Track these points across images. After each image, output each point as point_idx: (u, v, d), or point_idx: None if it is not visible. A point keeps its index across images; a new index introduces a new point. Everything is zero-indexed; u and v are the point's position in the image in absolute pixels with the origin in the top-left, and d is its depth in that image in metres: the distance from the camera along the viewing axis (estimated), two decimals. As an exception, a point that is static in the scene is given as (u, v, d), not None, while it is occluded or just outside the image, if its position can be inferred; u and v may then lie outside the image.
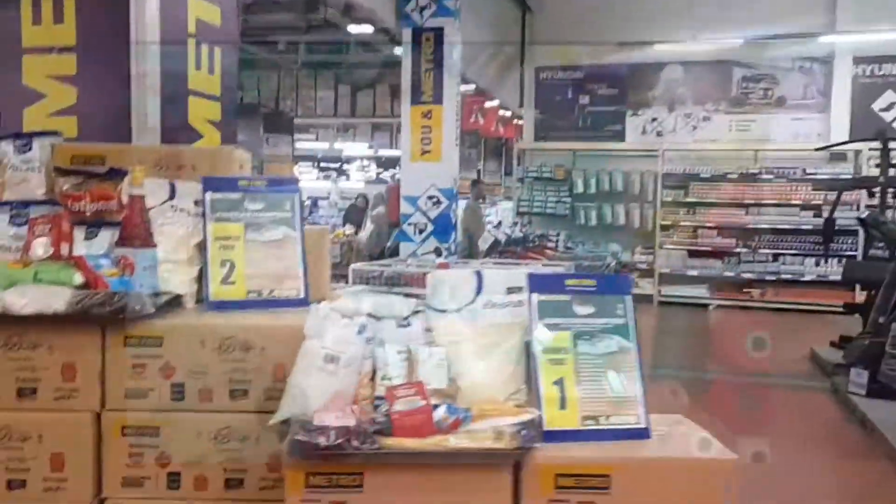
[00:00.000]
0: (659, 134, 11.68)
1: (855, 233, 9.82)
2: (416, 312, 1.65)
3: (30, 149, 1.92)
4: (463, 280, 1.64)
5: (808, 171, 10.34)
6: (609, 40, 11.12)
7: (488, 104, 12.51)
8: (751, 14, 10.39)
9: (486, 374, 1.58)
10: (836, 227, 7.71)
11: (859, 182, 9.09)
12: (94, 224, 1.82)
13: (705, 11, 10.47)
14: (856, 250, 9.96)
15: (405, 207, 7.34)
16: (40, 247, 1.72)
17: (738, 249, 10.68)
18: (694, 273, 10.85)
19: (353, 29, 12.52)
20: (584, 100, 11.94)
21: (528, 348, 1.56)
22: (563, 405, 1.50)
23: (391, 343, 1.60)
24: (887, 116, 10.55)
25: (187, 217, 1.88)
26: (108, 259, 1.72)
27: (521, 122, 13.12)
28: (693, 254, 10.95)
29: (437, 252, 7.06)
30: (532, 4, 11.53)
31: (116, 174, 1.87)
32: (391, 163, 16.00)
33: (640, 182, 11.20)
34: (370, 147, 18.91)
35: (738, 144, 11.02)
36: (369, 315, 1.63)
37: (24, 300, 1.57)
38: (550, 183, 11.55)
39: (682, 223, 10.97)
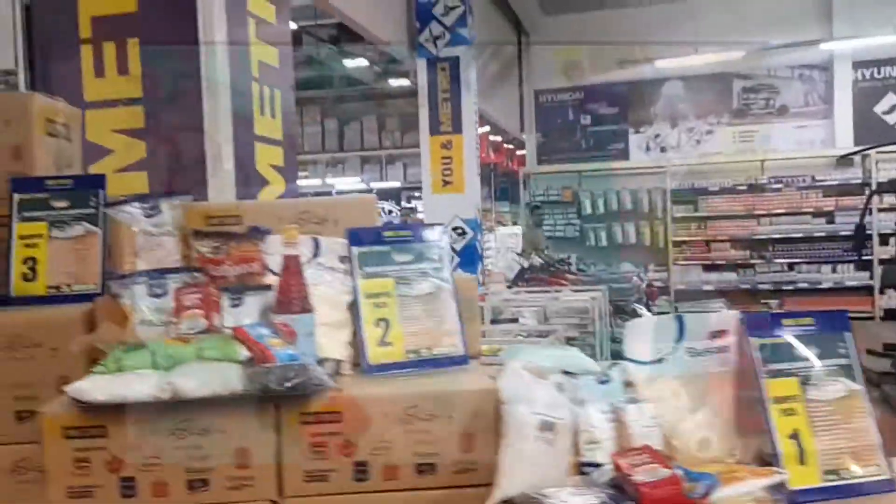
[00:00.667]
0: (663, 150, 11.68)
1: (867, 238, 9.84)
2: (613, 365, 1.52)
3: (159, 211, 1.78)
4: (663, 326, 1.51)
5: (816, 177, 10.35)
6: (608, 59, 11.16)
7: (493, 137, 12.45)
8: (749, 25, 10.47)
9: (701, 430, 1.45)
10: (862, 233, 7.64)
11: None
12: (237, 290, 1.68)
13: (703, 25, 10.53)
14: (871, 255, 9.97)
15: (430, 240, 7.19)
16: (193, 320, 1.57)
17: (752, 261, 10.64)
18: (710, 287, 10.79)
19: (349, 64, 12.53)
20: (586, 120, 11.93)
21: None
22: (801, 460, 1.37)
23: (592, 402, 1.47)
24: (890, 119, 10.62)
25: (335, 275, 1.74)
26: (266, 328, 1.58)
27: (511, 146, 13.10)
28: (707, 268, 10.90)
29: (466, 283, 6.89)
30: (527, 27, 11.54)
31: (257, 233, 1.74)
32: (383, 195, 15.88)
33: (648, 199, 11.17)
34: (361, 181, 18.83)
35: (743, 156, 11.03)
36: (564, 372, 1.50)
37: (195, 381, 1.42)
38: (558, 206, 11.49)
39: (695, 238, 10.92)
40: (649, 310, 7.72)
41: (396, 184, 16.63)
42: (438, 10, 7.07)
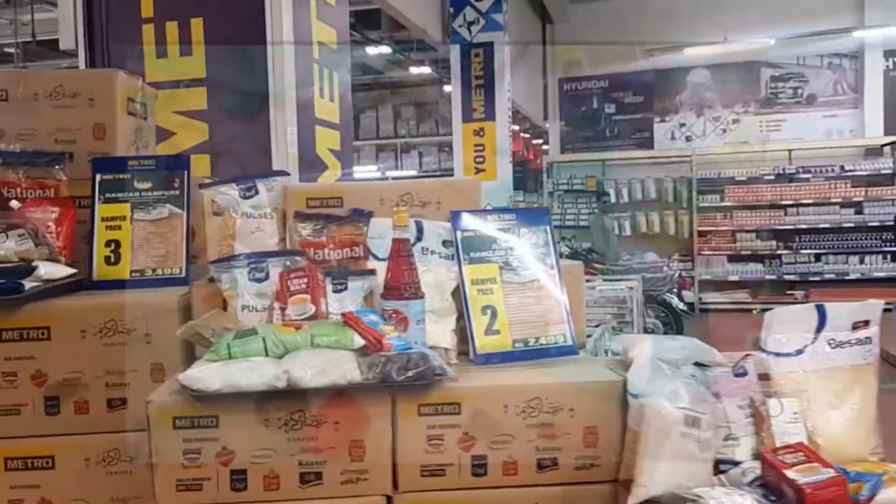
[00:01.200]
0: (688, 139, 11.55)
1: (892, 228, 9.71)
2: (747, 357, 1.45)
3: (255, 192, 1.71)
4: (802, 316, 1.43)
5: (845, 167, 10.21)
6: (636, 46, 11.02)
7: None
8: (778, 13, 10.31)
9: (845, 426, 1.38)
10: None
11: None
12: (340, 274, 1.61)
13: (731, 14, 10.38)
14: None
15: (461, 228, 7.12)
16: (300, 305, 1.51)
17: (779, 251, 10.53)
18: (735, 278, 10.69)
19: (371, 51, 12.40)
20: (610, 108, 11.81)
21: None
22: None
23: (728, 396, 1.40)
24: (921, 109, 10.45)
25: (439, 260, 1.68)
26: (376, 315, 1.51)
27: (527, 135, 12.99)
28: (732, 258, 10.79)
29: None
30: (553, 15, 11.41)
31: (359, 216, 1.67)
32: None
33: (673, 189, 11.05)
34: (377, 169, 18.78)
35: (770, 145, 10.89)
36: (696, 364, 1.43)
37: (311, 371, 1.36)
38: (581, 195, 11.38)
39: (720, 228, 10.80)
40: (681, 300, 7.64)
41: (412, 172, 16.59)
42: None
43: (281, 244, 1.69)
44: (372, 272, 1.63)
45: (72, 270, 1.81)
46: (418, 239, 1.67)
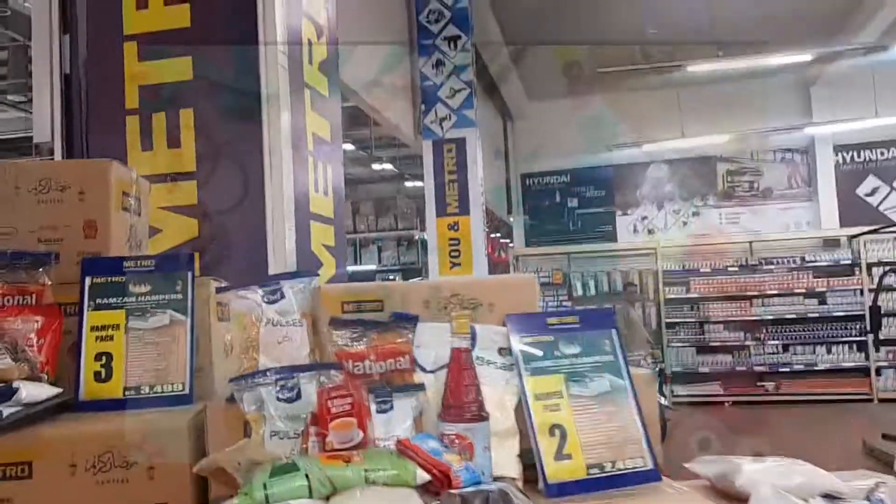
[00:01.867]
0: (650, 231, 11.68)
1: (860, 318, 9.82)
2: (878, 485, 1.25)
3: (281, 296, 1.48)
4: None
5: (806, 259, 10.38)
6: (594, 144, 11.25)
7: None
8: (732, 111, 10.69)
9: None
10: (878, 313, 7.55)
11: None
12: (383, 391, 1.38)
13: (687, 111, 10.72)
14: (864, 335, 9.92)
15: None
16: (345, 431, 1.27)
17: (747, 342, 10.52)
18: (705, 370, 10.61)
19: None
20: (573, 202, 11.93)
21: None
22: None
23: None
24: (872, 201, 10.80)
25: (496, 371, 1.46)
26: (436, 440, 1.28)
27: (497, 235, 13.03)
28: (701, 350, 10.74)
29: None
30: (514, 112, 11.63)
31: (404, 321, 1.45)
32: (358, 278, 15.65)
33: (639, 281, 11.06)
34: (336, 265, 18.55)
35: (731, 237, 11.06)
36: (825, 496, 1.22)
37: (373, 517, 1.11)
38: (548, 288, 11.31)
39: (688, 320, 10.79)
40: (662, 394, 7.45)
41: (372, 266, 16.47)
42: (444, 92, 7.00)
43: (311, 356, 1.45)
44: (420, 387, 1.40)
45: (56, 390, 1.54)
46: (472, 346, 1.46)
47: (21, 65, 10.72)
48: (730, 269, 10.67)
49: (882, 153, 10.83)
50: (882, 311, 8.16)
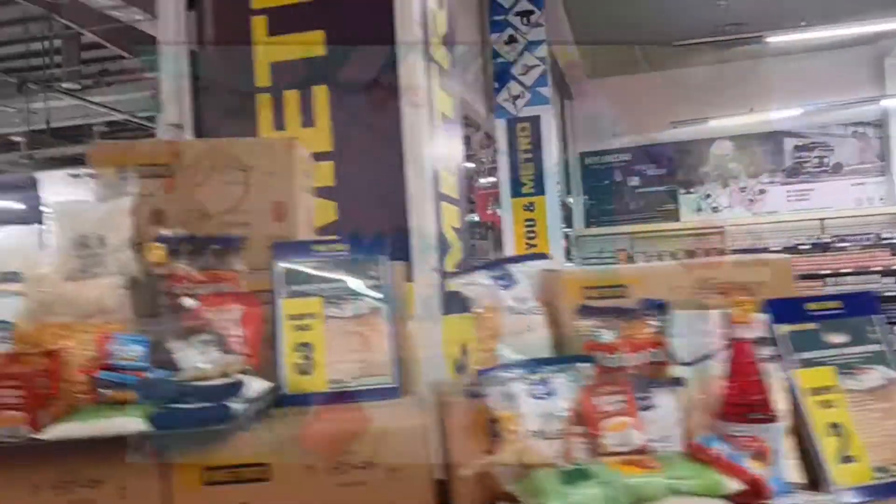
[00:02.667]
0: (715, 210, 11.38)
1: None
2: None
3: (513, 281, 1.36)
4: None
5: (882, 236, 10.01)
6: (657, 121, 10.96)
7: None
8: (803, 85, 10.32)
9: None
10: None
11: None
12: (642, 385, 1.24)
13: (756, 86, 10.37)
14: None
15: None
16: (622, 432, 1.13)
17: (819, 323, 10.19)
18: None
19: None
20: (634, 181, 11.66)
21: None
22: None
23: None
24: (949, 175, 10.37)
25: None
26: (722, 443, 1.14)
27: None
28: (771, 331, 10.44)
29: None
30: (573, 90, 11.37)
31: (653, 308, 1.31)
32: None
33: (705, 261, 10.78)
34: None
35: (801, 214, 10.73)
36: None
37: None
38: (611, 268, 11.07)
39: (757, 300, 10.50)
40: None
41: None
42: (517, 69, 6.82)
43: (552, 348, 1.32)
44: (679, 381, 1.26)
45: (270, 385, 1.43)
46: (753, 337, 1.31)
47: (74, 53, 10.78)
48: (800, 247, 10.35)
49: (960, 125, 10.39)
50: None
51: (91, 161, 1.61)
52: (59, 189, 1.61)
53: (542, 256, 1.44)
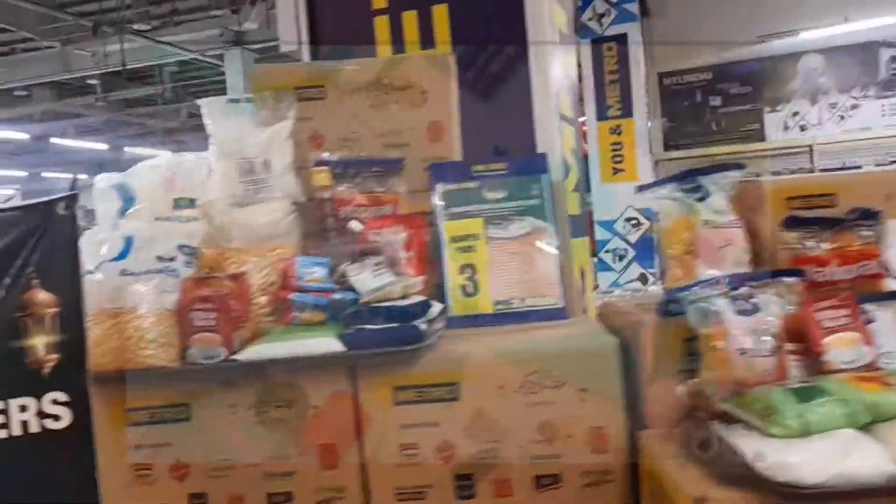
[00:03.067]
0: (803, 129, 10.82)
1: None
2: None
3: (706, 193, 1.29)
4: None
5: None
6: (742, 36, 10.38)
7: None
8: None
9: None
10: None
11: None
12: (861, 300, 1.17)
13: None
14: None
15: (600, 233, 6.67)
16: (850, 348, 1.07)
17: (915, 243, 9.74)
18: (867, 274, 9.93)
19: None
20: (716, 101, 11.14)
21: None
22: None
23: None
24: None
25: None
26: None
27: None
28: (862, 253, 10.04)
29: (643, 279, 6.37)
30: (650, 6, 10.84)
31: (867, 218, 1.23)
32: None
33: (791, 182, 10.36)
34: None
35: (894, 130, 10.12)
36: None
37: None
38: (692, 192, 10.76)
39: (848, 221, 10.07)
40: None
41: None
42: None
43: (752, 263, 1.25)
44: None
45: (441, 306, 1.42)
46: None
47: (143, -10, 10.80)
48: (896, 164, 9.80)
49: None
50: None
51: (251, 86, 1.58)
52: (219, 116, 1.61)
53: (738, 167, 1.35)
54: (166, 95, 14.31)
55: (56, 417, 1.23)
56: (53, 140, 14.22)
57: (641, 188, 1.43)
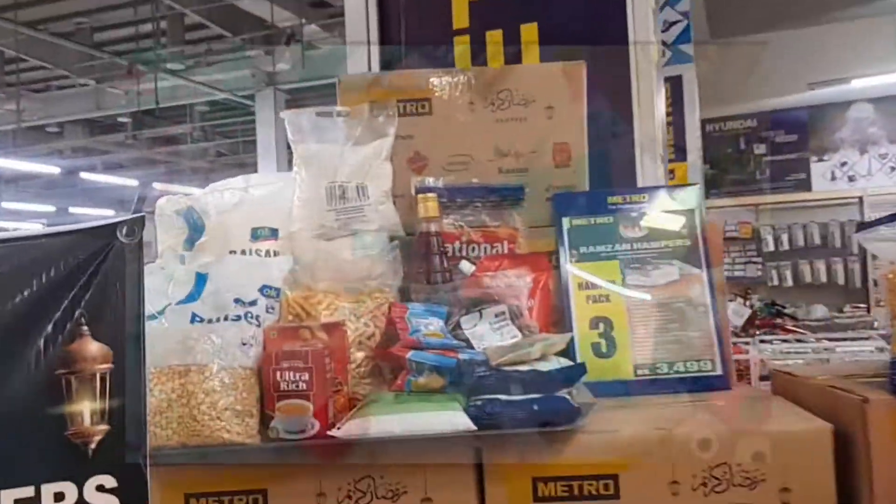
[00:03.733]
0: (851, 179, 10.49)
1: None
2: None
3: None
4: None
5: None
6: (789, 83, 10.14)
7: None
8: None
9: None
10: None
11: None
12: None
13: (886, 43, 9.42)
14: None
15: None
16: None
17: (975, 301, 9.28)
18: (923, 331, 9.46)
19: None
20: (760, 149, 10.87)
21: None
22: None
23: None
24: None
25: None
26: None
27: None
28: (916, 309, 9.59)
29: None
30: (695, 51, 10.66)
31: None
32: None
33: (840, 233, 9.97)
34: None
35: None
36: None
37: None
38: (734, 243, 10.40)
39: (901, 276, 9.65)
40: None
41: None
42: (658, 26, 6.29)
43: None
44: None
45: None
46: None
47: (178, 33, 10.84)
48: (953, 218, 9.41)
49: None
50: None
51: (340, 96, 1.33)
52: (305, 130, 1.35)
53: None
54: (195, 135, 14.35)
55: (100, 511, 0.95)
56: (83, 175, 14.25)
57: (859, 228, 1.16)
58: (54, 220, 18.24)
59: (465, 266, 1.17)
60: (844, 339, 5.40)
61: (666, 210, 1.26)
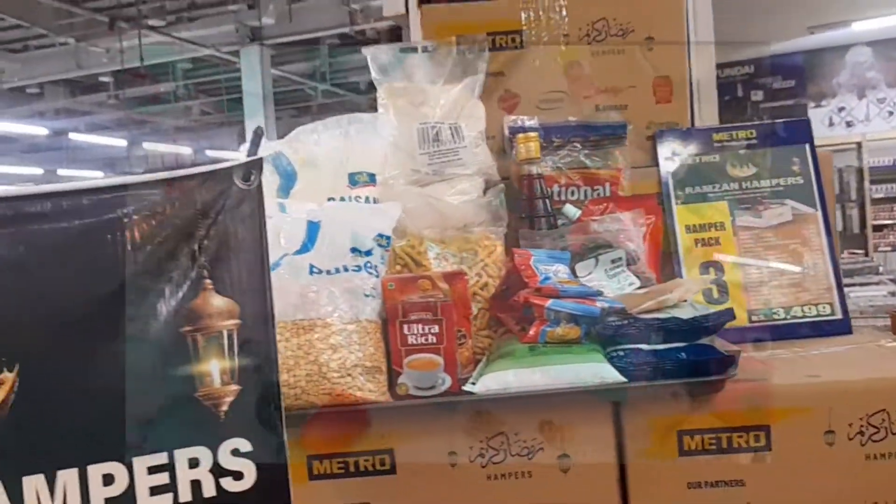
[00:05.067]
0: (849, 125, 10.44)
1: None
2: None
3: None
4: None
5: None
6: (788, 27, 9.99)
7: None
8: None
9: None
10: None
11: None
12: None
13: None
14: None
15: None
16: None
17: (971, 243, 9.35)
18: (920, 276, 9.53)
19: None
20: (757, 96, 10.77)
21: None
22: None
23: None
24: None
25: None
26: None
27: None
28: (914, 254, 9.65)
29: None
30: None
31: None
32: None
33: (839, 179, 9.96)
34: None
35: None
36: None
37: None
38: (733, 191, 10.38)
39: (899, 220, 9.70)
40: None
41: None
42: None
43: None
44: None
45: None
46: None
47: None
48: (951, 162, 9.42)
49: None
50: None
51: (423, 30, 1.23)
52: (390, 68, 1.24)
53: None
54: (179, 93, 14.02)
55: (237, 475, 0.90)
56: (73, 136, 13.92)
57: None
58: (42, 182, 17.88)
59: (570, 210, 1.10)
60: (853, 285, 5.38)
61: (776, 146, 1.18)
